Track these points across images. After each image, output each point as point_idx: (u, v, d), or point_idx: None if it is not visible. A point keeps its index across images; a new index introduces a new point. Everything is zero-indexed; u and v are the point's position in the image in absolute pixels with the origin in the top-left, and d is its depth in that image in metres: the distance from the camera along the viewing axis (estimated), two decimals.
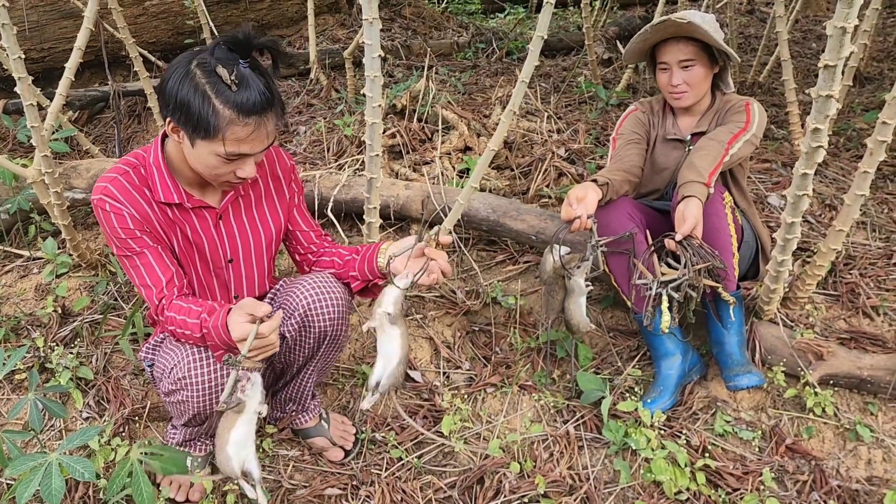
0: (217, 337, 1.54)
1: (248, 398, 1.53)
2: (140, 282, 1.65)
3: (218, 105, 1.46)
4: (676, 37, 2.21)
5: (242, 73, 1.48)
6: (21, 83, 2.18)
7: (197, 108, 1.46)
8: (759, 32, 5.91)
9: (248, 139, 1.51)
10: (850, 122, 3.83)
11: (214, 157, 1.53)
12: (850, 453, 2.03)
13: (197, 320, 1.57)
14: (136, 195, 1.62)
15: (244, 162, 1.56)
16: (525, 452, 2.04)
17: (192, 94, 1.46)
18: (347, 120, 3.50)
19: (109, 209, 1.60)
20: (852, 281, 2.46)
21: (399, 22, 5.40)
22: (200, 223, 1.73)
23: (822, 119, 1.70)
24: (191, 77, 1.47)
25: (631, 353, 2.41)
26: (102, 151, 3.53)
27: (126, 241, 1.62)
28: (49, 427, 2.09)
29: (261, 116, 1.49)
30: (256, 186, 1.81)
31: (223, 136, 1.48)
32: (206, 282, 1.81)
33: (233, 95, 1.46)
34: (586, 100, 4.12)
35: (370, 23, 1.85)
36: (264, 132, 1.53)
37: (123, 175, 1.63)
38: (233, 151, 1.51)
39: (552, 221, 2.57)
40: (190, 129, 1.50)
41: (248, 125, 1.48)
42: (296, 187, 1.90)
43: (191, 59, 1.50)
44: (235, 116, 1.47)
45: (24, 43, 4.02)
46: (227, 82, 1.46)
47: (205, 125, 1.47)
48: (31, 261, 2.74)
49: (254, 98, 1.47)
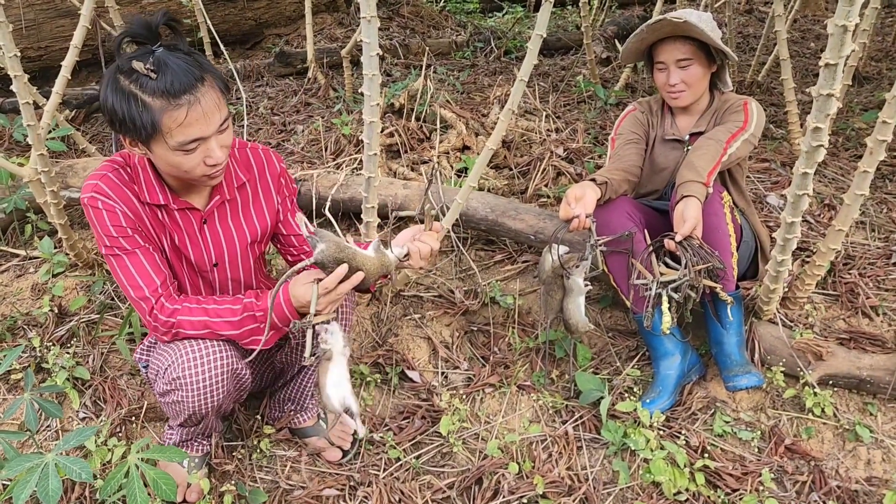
0: (278, 314, 1.59)
1: (331, 345, 1.64)
2: (130, 283, 1.60)
3: (146, 98, 1.41)
4: (673, 36, 2.21)
5: (158, 59, 1.43)
6: (17, 81, 2.16)
7: (131, 111, 1.42)
8: (757, 31, 5.90)
9: (188, 121, 1.43)
10: (849, 121, 3.83)
11: (171, 154, 1.47)
12: (849, 454, 2.03)
13: (239, 305, 1.62)
14: (127, 192, 1.60)
15: (206, 147, 1.49)
16: (524, 453, 2.04)
17: (122, 101, 1.42)
18: (345, 119, 3.49)
19: (102, 206, 1.56)
20: (852, 281, 2.46)
21: (397, 21, 5.39)
22: (186, 226, 1.70)
23: (823, 118, 1.69)
24: (115, 84, 1.43)
25: (630, 353, 2.40)
26: (99, 150, 3.51)
27: (117, 240, 1.58)
28: (45, 427, 2.08)
29: (192, 94, 1.43)
30: (244, 190, 1.77)
31: (163, 128, 1.43)
32: (192, 283, 1.80)
33: (154, 83, 1.41)
34: (585, 99, 4.12)
35: (368, 21, 1.84)
36: (202, 109, 1.45)
37: (113, 172, 1.60)
38: (182, 140, 1.45)
39: (551, 221, 2.56)
40: (134, 134, 1.45)
41: (181, 106, 1.42)
42: (286, 191, 1.85)
43: (113, 70, 1.46)
44: (165, 102, 1.41)
45: (21, 41, 4.01)
46: (145, 72, 1.41)
47: (142, 124, 1.42)
48: (27, 260, 2.73)
49: (177, 79, 1.41)
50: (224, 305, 1.62)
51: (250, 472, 1.97)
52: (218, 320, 1.61)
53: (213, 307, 1.63)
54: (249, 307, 1.62)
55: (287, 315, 1.59)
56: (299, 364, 1.97)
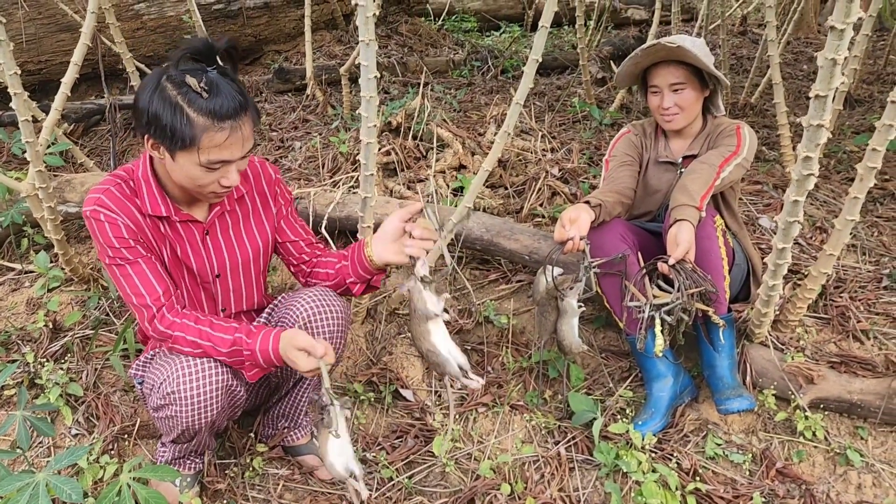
0: (265, 359, 1.61)
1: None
2: (132, 290, 1.63)
3: (192, 114, 1.47)
4: (667, 60, 2.24)
5: (212, 80, 1.49)
6: (17, 99, 2.18)
7: (171, 120, 1.47)
8: (751, 54, 5.97)
9: (226, 144, 1.51)
10: (841, 144, 3.87)
11: (196, 168, 1.53)
12: (840, 478, 2.04)
13: (228, 336, 1.62)
14: (128, 205, 1.63)
15: (227, 170, 1.56)
16: (516, 473, 2.04)
17: (164, 108, 1.47)
18: (343, 136, 3.51)
19: (104, 219, 1.59)
20: (843, 304, 2.48)
21: (395, 39, 5.44)
22: (188, 237, 1.73)
23: (813, 147, 1.72)
24: (161, 91, 1.49)
25: (622, 375, 2.41)
26: (97, 165, 3.53)
27: (119, 251, 1.61)
28: (38, 444, 2.07)
29: (235, 120, 1.51)
30: (244, 203, 1.81)
31: (200, 145, 1.49)
32: (194, 294, 1.81)
33: (205, 103, 1.47)
34: (580, 119, 4.15)
35: (367, 44, 1.86)
36: (241, 136, 1.53)
37: (115, 186, 1.63)
38: (212, 159, 1.51)
39: (545, 241, 2.58)
40: (168, 142, 1.50)
41: (224, 130, 1.49)
42: (282, 199, 1.89)
43: (160, 75, 1.51)
44: (210, 123, 1.48)
45: (21, 55, 4.03)
46: (198, 90, 1.47)
47: (181, 136, 1.48)
48: (22, 274, 2.73)
49: (226, 103, 1.49)
50: (217, 333, 1.63)
51: (242, 490, 1.97)
52: (208, 345, 1.62)
53: (206, 330, 1.63)
54: (239, 342, 1.62)
55: (273, 361, 1.61)
56: (294, 379, 1.98)
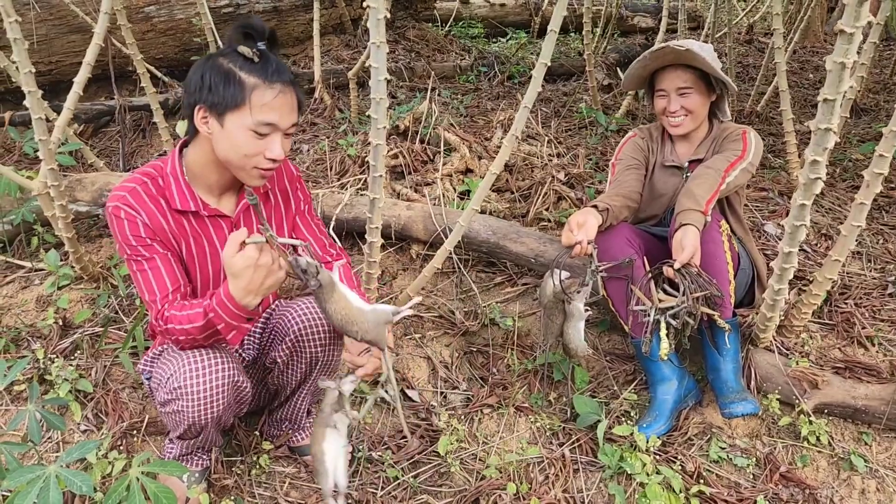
0: (225, 311, 1.52)
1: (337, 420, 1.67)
2: (146, 286, 1.66)
3: (242, 75, 1.54)
4: (675, 64, 2.26)
5: (263, 50, 1.57)
6: (31, 97, 2.20)
7: (222, 83, 1.53)
8: (757, 62, 5.99)
9: (274, 104, 1.55)
10: (847, 152, 3.88)
11: (244, 133, 1.56)
12: (843, 483, 2.04)
13: (200, 308, 1.57)
14: (151, 205, 1.65)
15: (272, 140, 1.58)
16: (521, 474, 2.05)
17: (216, 75, 1.54)
18: (350, 140, 3.54)
19: (124, 216, 1.62)
20: (847, 311, 2.49)
21: (403, 44, 5.46)
22: (216, 231, 1.76)
23: (821, 151, 1.73)
24: (213, 62, 1.56)
25: (627, 378, 2.42)
26: (107, 165, 3.56)
27: (136, 248, 1.64)
28: (47, 439, 2.09)
29: (284, 84, 1.56)
30: (268, 199, 1.84)
31: (250, 102, 1.53)
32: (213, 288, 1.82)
33: (256, 66, 1.54)
34: (586, 125, 4.17)
35: (377, 46, 1.88)
36: (289, 101, 1.58)
37: (141, 185, 1.66)
38: (261, 119, 1.54)
39: (551, 245, 2.59)
40: (218, 104, 1.54)
41: (273, 89, 1.54)
42: (302, 195, 1.92)
43: (210, 54, 1.59)
44: (260, 81, 1.54)
45: (32, 56, 4.02)
46: (250, 56, 1.54)
47: (232, 95, 1.53)
48: (32, 272, 2.75)
49: (277, 68, 1.56)
50: (194, 310, 1.60)
51: (249, 487, 1.99)
52: (190, 326, 1.60)
53: (187, 313, 1.60)
54: (207, 308, 1.57)
55: (230, 307, 1.52)
56: (291, 387, 1.99)
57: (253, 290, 1.49)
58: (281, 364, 1.91)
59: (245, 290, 1.48)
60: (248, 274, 1.46)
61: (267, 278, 1.49)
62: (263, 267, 1.47)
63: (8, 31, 2.14)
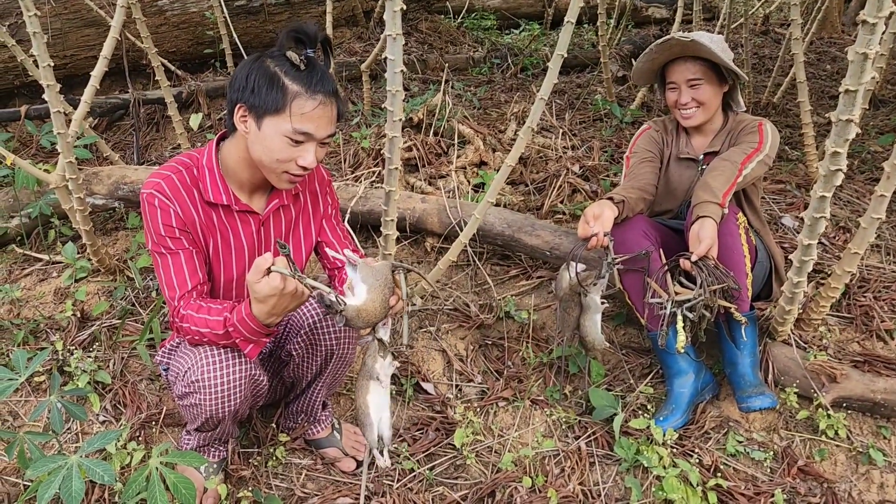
0: (245, 328, 1.55)
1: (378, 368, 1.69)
2: (167, 280, 1.67)
3: (286, 81, 1.54)
4: (684, 56, 2.24)
5: (311, 58, 1.57)
6: (49, 91, 2.22)
7: (265, 85, 1.54)
8: (773, 53, 5.93)
9: (313, 115, 1.55)
10: (865, 144, 3.84)
11: (280, 139, 1.56)
12: (862, 477, 2.03)
13: (220, 318, 1.59)
14: (184, 195, 1.66)
15: (307, 148, 1.59)
16: (537, 467, 2.05)
17: (261, 76, 1.55)
18: (364, 132, 3.53)
19: (157, 204, 1.63)
20: (866, 304, 2.46)
21: (415, 36, 5.45)
22: (244, 228, 1.77)
23: (842, 143, 1.71)
24: (260, 63, 1.56)
25: (643, 371, 2.41)
26: (121, 158, 3.58)
27: (164, 239, 1.64)
28: (66, 430, 2.11)
29: (326, 96, 1.56)
30: (298, 200, 1.85)
31: (290, 110, 1.54)
32: (237, 286, 1.83)
33: (301, 74, 1.55)
34: (601, 117, 4.15)
35: (393, 38, 1.88)
36: (328, 114, 1.58)
37: (176, 174, 1.67)
38: (298, 128, 1.55)
39: (566, 237, 2.58)
40: (258, 107, 1.55)
41: (314, 100, 1.55)
42: (330, 199, 1.93)
43: (261, 54, 1.59)
44: (303, 90, 1.54)
45: (48, 50, 4.08)
46: (297, 63, 1.55)
47: (273, 100, 1.53)
48: (50, 265, 2.78)
49: (321, 79, 1.56)
50: (213, 317, 1.61)
51: (266, 479, 2.00)
52: (207, 331, 1.62)
53: (205, 317, 1.62)
54: (227, 322, 1.60)
55: (252, 326, 1.55)
56: (307, 380, 2.00)
57: (276, 314, 1.52)
58: (296, 357, 1.92)
59: (267, 314, 1.51)
60: (272, 301, 1.48)
61: (290, 303, 1.52)
62: (287, 295, 1.49)
63: (28, 25, 2.16)
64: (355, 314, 1.54)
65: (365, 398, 1.70)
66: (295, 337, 1.90)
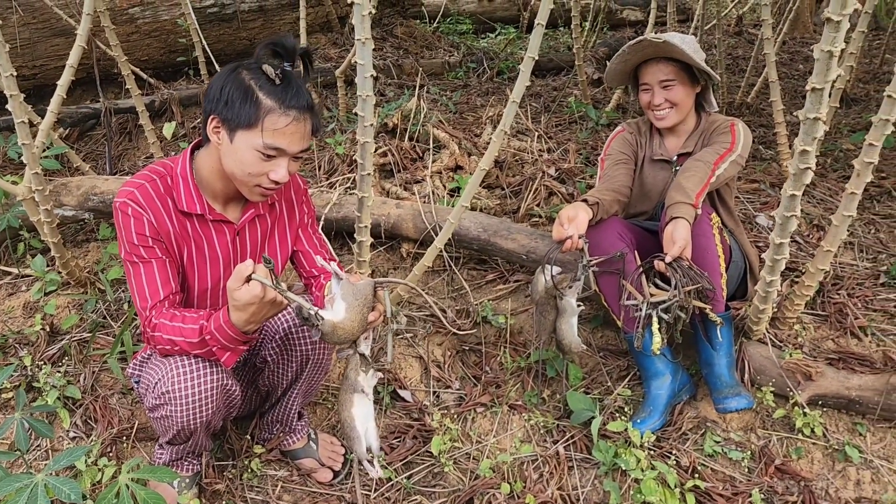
0: (223, 336, 1.54)
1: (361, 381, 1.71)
2: (139, 290, 1.64)
3: (260, 96, 1.52)
4: (657, 57, 2.25)
5: (287, 72, 1.55)
6: (13, 101, 2.17)
7: (239, 99, 1.52)
8: (746, 54, 5.99)
9: (286, 131, 1.53)
10: (837, 142, 3.88)
11: (251, 153, 1.55)
12: (838, 474, 2.04)
13: (196, 325, 1.58)
14: (158, 204, 1.64)
15: (279, 163, 1.58)
16: (515, 473, 2.04)
17: (235, 89, 1.53)
18: (339, 138, 3.51)
19: (131, 213, 1.60)
20: (840, 301, 2.48)
21: (391, 41, 5.44)
22: (219, 237, 1.74)
23: (810, 141, 1.72)
24: (236, 75, 1.54)
25: (621, 373, 2.41)
26: (93, 168, 3.52)
27: (137, 248, 1.62)
28: (35, 447, 2.07)
29: (300, 112, 1.54)
30: (274, 210, 1.83)
31: (262, 125, 1.52)
32: (211, 296, 1.81)
33: (276, 89, 1.53)
34: (576, 119, 4.16)
35: (363, 43, 1.86)
36: (301, 130, 1.56)
37: (150, 183, 1.64)
38: (270, 143, 1.53)
39: (543, 241, 2.58)
40: (231, 120, 1.53)
41: (288, 116, 1.53)
42: (306, 208, 1.91)
43: (237, 65, 1.57)
44: (276, 106, 1.52)
45: (16, 60, 4.01)
46: (272, 77, 1.53)
47: (246, 114, 1.52)
48: (19, 278, 2.72)
49: (296, 94, 1.54)
50: (188, 325, 1.60)
51: (241, 492, 1.97)
52: (181, 339, 1.60)
53: (178, 325, 1.60)
54: (203, 329, 1.58)
55: (230, 334, 1.55)
56: (282, 387, 1.97)
57: (254, 322, 1.52)
58: (271, 363, 1.90)
59: (246, 321, 1.50)
60: (252, 309, 1.47)
61: (269, 311, 1.51)
62: (267, 303, 1.48)
63: None
64: (331, 329, 1.53)
65: (350, 411, 1.70)
66: (269, 343, 1.88)
